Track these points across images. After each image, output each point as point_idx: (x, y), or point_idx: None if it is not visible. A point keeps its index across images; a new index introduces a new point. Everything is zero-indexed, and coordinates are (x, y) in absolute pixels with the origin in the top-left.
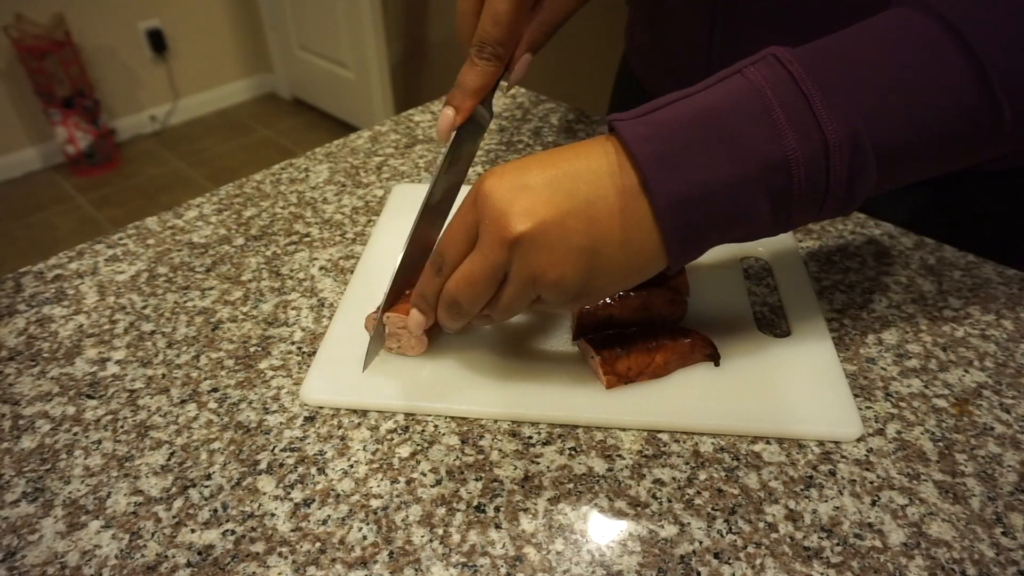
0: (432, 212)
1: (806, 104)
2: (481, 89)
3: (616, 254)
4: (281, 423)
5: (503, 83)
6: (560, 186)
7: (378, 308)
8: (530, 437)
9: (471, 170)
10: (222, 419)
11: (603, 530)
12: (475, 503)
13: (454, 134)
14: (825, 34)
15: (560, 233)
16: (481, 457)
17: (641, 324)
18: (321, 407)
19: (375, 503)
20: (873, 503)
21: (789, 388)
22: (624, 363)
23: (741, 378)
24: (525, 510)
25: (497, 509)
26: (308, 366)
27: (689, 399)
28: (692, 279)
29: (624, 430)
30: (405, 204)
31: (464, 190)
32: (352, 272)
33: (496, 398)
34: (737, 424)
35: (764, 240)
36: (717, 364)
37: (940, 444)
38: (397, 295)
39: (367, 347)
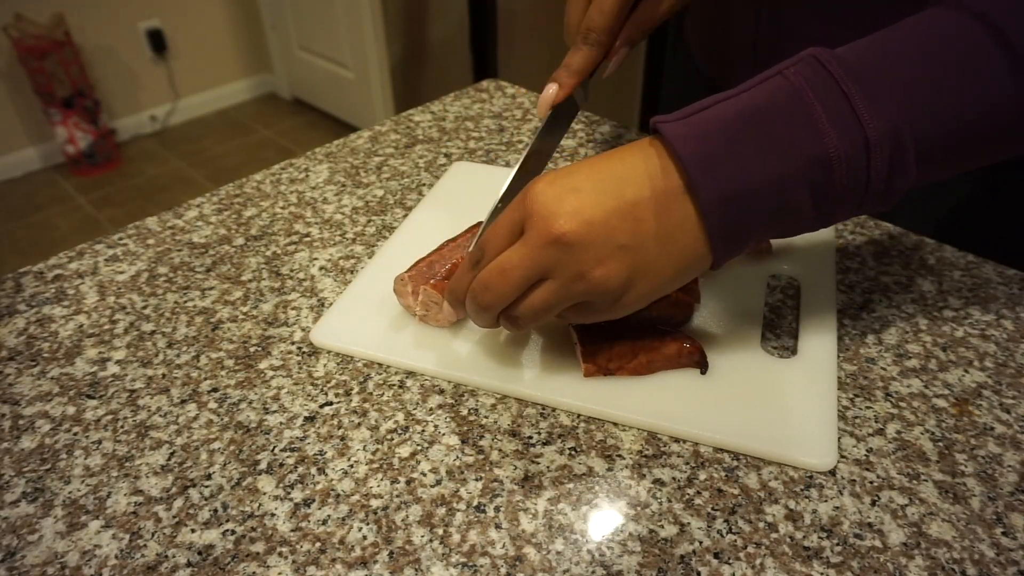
0: (521, 176)
1: (846, 102)
2: (583, 71)
3: (661, 254)
4: (281, 423)
5: (597, 74)
6: (606, 188)
7: (412, 267)
8: (530, 437)
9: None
10: (222, 419)
11: (603, 530)
12: (475, 503)
13: (551, 112)
14: (866, 25)
15: (605, 232)
16: (481, 457)
17: (639, 322)
18: (329, 349)
19: (375, 503)
20: (873, 503)
21: (769, 408)
22: (605, 355)
23: (724, 389)
24: (525, 510)
25: (497, 509)
26: (308, 365)
27: (663, 400)
28: (713, 286)
29: (596, 420)
30: (461, 180)
31: (548, 167)
32: (353, 272)
33: (483, 367)
34: (702, 432)
35: (798, 257)
36: (703, 372)
37: (940, 444)
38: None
39: None
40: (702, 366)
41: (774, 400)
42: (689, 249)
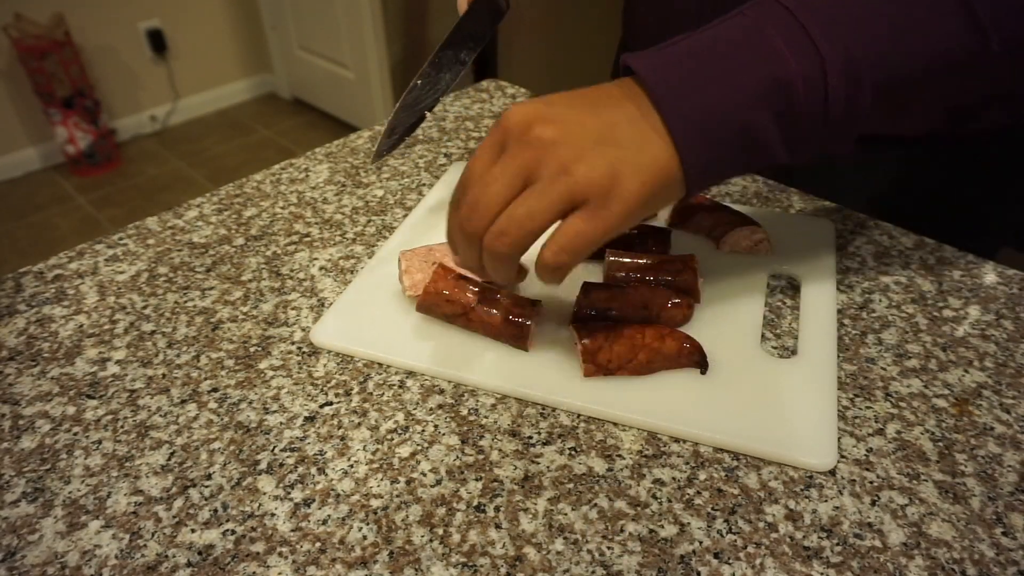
0: (431, 76)
1: (802, 30)
2: None
3: (639, 155)
4: (281, 423)
5: None
6: (580, 102)
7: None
8: (530, 437)
9: None
10: (222, 419)
11: (603, 530)
12: (475, 503)
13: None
14: None
15: (581, 130)
16: (481, 457)
17: (641, 322)
18: (330, 349)
19: (375, 503)
20: (873, 503)
21: (768, 408)
22: (605, 354)
23: (723, 389)
24: (525, 510)
25: (497, 509)
26: (308, 365)
27: (663, 400)
28: (713, 286)
29: (596, 420)
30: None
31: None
32: (353, 272)
33: (483, 366)
34: (702, 432)
35: (798, 257)
36: (703, 372)
37: (940, 444)
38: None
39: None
40: (702, 366)
41: (774, 400)
42: (664, 159)
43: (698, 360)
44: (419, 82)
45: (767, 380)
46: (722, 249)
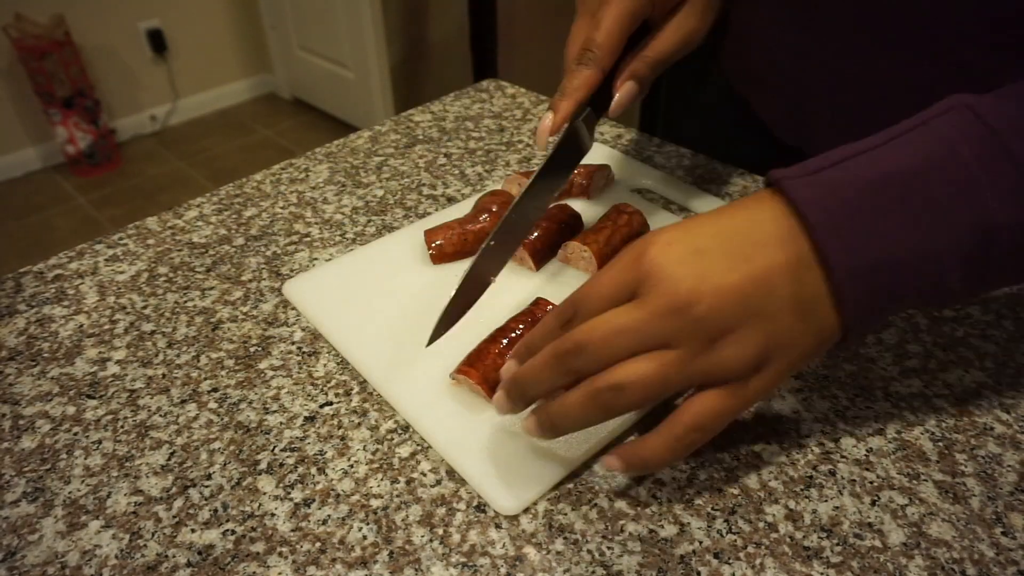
0: (519, 210)
1: (1009, 160)
2: (578, 90)
3: (797, 325)
4: (281, 423)
5: (605, 115)
6: (734, 251)
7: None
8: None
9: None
10: (222, 419)
11: (603, 530)
12: (475, 503)
13: (551, 143)
14: (917, 42)
15: (738, 299)
16: None
17: None
18: (292, 307)
19: (375, 503)
20: (873, 503)
21: None
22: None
23: None
24: (525, 510)
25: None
26: (308, 365)
27: None
28: None
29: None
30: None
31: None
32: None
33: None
34: None
35: None
36: None
37: (940, 444)
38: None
39: (441, 314)
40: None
41: None
42: (825, 322)
43: None
44: (492, 243)
45: None
46: (592, 197)
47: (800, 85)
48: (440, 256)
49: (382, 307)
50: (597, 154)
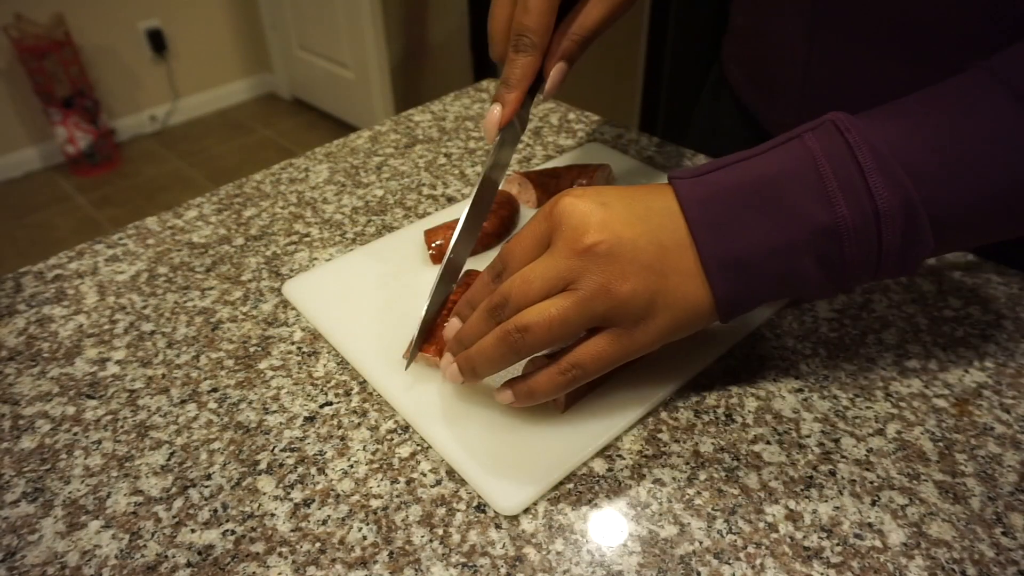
0: (472, 222)
1: (859, 171)
2: (522, 80)
3: (680, 289)
4: (281, 423)
5: (538, 96)
6: (635, 210)
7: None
8: None
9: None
10: (222, 419)
11: (603, 530)
12: (475, 503)
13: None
14: (923, 52)
15: (633, 249)
16: None
17: None
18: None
19: (375, 503)
20: (873, 503)
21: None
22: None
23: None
24: (525, 510)
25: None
26: (308, 365)
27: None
28: None
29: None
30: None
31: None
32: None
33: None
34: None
35: None
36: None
37: (940, 444)
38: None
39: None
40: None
41: None
42: (700, 298)
43: None
44: (452, 255)
45: None
46: None
47: (807, 93)
48: (440, 256)
49: (381, 307)
50: (597, 154)
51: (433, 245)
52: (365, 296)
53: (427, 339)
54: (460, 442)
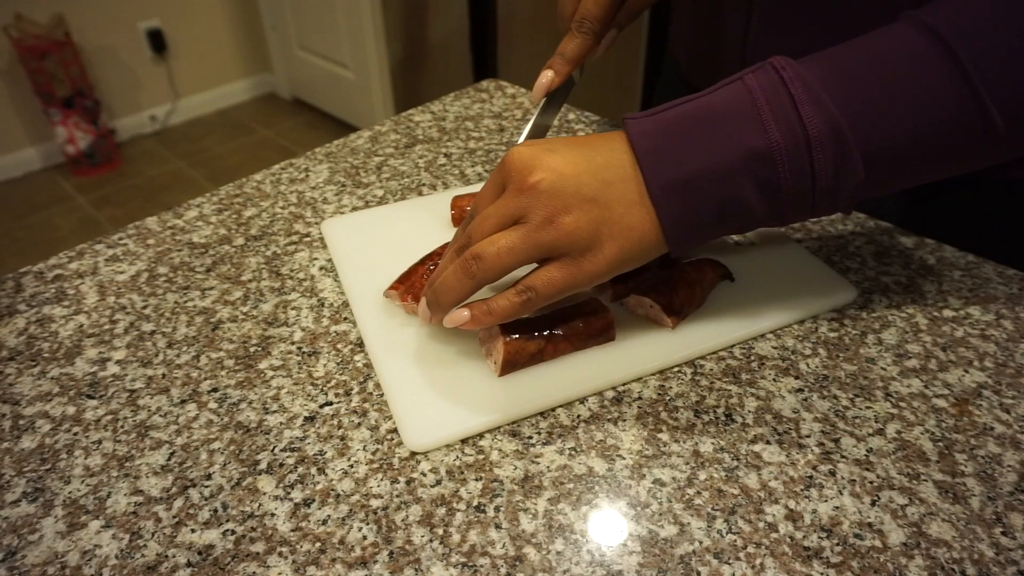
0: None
1: (791, 102)
2: (578, 58)
3: (625, 218)
4: (281, 423)
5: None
6: (579, 152)
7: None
8: (530, 437)
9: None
10: (222, 419)
11: (603, 530)
12: (475, 503)
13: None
14: (854, 23)
15: (575, 183)
16: (481, 457)
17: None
18: (429, 450)
19: (375, 503)
20: (873, 503)
21: (786, 283)
22: (677, 301)
23: (754, 286)
24: (525, 510)
25: (497, 509)
26: (308, 365)
27: (727, 315)
28: None
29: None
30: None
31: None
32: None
33: (581, 376)
34: (762, 325)
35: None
36: (732, 280)
37: (940, 444)
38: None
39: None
40: (728, 275)
41: (783, 279)
42: (645, 225)
43: (723, 272)
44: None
45: (767, 267)
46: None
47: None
48: (460, 217)
49: (395, 256)
50: None
51: (456, 208)
52: (385, 245)
53: (403, 279)
54: (399, 374)
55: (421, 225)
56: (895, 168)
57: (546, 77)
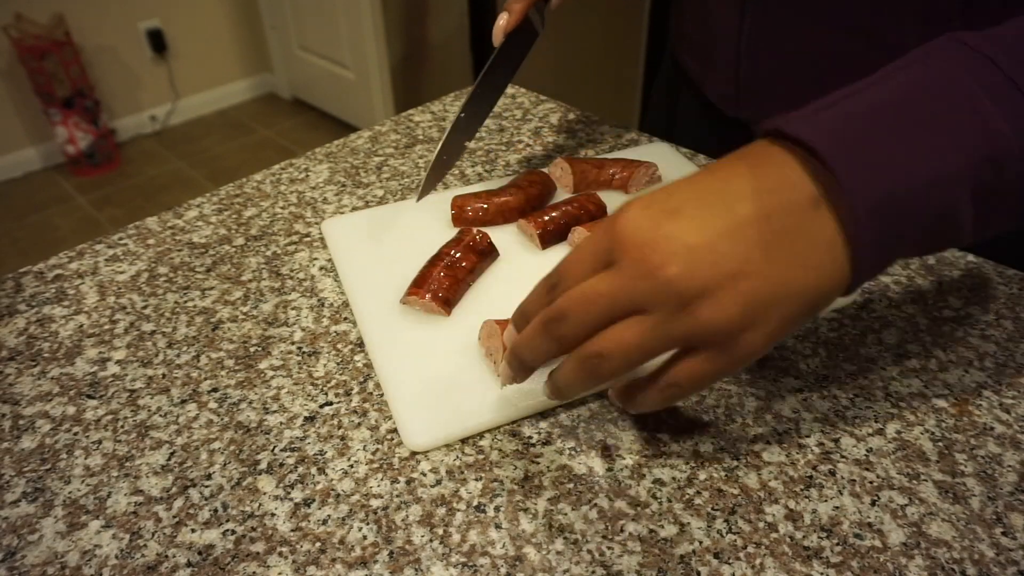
0: (473, 107)
1: (1013, 87)
2: None
3: (786, 280)
4: (281, 423)
5: (549, 4)
6: (713, 209)
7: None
8: (530, 437)
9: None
10: (222, 419)
11: (603, 530)
12: (475, 503)
13: (503, 40)
14: (852, 24)
15: (712, 258)
16: (481, 457)
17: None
18: (429, 450)
19: (375, 503)
20: (873, 503)
21: None
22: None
23: None
24: (525, 510)
25: (497, 509)
26: (308, 365)
27: None
28: None
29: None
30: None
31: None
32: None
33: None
34: None
35: None
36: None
37: (940, 444)
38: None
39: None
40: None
41: None
42: (825, 271)
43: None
44: (462, 115)
45: None
46: (631, 191)
47: (742, 63)
48: (460, 216)
49: (394, 255)
50: (663, 154)
51: (457, 208)
52: (385, 245)
53: (420, 283)
54: (399, 374)
55: (421, 225)
56: None
57: (503, 19)
